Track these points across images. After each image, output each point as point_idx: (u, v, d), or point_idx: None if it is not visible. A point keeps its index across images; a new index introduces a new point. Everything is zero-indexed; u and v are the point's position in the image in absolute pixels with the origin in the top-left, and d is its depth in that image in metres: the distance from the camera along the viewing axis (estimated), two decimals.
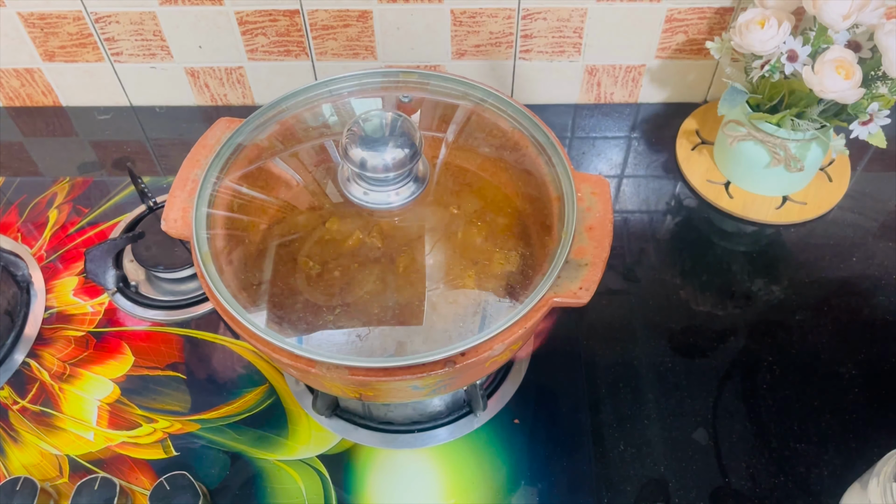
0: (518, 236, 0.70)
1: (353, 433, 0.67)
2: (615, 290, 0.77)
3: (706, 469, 0.65)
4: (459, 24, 0.85)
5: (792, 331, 0.73)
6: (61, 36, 0.88)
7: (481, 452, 0.67)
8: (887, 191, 0.85)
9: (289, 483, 0.65)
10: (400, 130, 0.59)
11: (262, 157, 0.65)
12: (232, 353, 0.73)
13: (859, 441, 0.66)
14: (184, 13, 0.85)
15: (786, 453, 0.66)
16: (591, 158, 0.90)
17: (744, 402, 0.69)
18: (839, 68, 0.66)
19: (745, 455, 0.66)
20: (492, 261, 0.68)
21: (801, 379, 0.70)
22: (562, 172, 0.62)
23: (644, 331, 0.74)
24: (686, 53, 0.88)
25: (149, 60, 0.91)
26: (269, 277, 0.67)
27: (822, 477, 0.64)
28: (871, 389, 0.69)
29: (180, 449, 0.67)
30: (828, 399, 0.69)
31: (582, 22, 0.84)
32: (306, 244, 0.68)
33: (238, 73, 0.92)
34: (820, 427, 0.67)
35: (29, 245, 0.82)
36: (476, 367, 0.53)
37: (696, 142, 0.90)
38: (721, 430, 0.67)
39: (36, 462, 0.66)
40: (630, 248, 0.81)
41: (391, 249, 0.69)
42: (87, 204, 0.86)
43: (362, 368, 0.51)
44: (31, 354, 0.73)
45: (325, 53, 0.89)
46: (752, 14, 0.70)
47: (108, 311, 0.76)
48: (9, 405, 0.70)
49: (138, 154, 0.92)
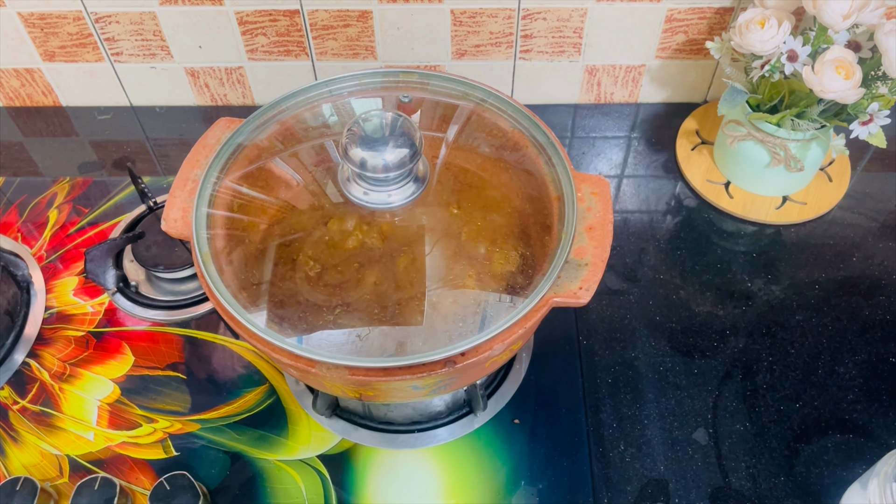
0: (518, 236, 0.70)
1: (353, 433, 0.67)
2: (615, 290, 0.77)
3: (706, 469, 0.65)
4: (459, 24, 0.85)
5: (792, 331, 0.73)
6: (61, 36, 0.88)
7: (481, 452, 0.67)
8: (887, 191, 0.85)
9: (289, 483, 0.65)
10: (400, 130, 0.59)
11: (262, 157, 0.65)
12: (232, 353, 0.73)
13: (859, 441, 0.66)
14: (184, 13, 0.85)
15: (786, 453, 0.66)
16: (591, 158, 0.90)
17: (744, 402, 0.69)
18: (839, 68, 0.66)
19: (745, 455, 0.66)
20: (492, 261, 0.68)
21: (801, 379, 0.70)
22: (562, 172, 0.62)
23: (644, 331, 0.74)
24: (686, 53, 0.88)
25: (149, 60, 0.91)
26: (269, 277, 0.67)
27: (822, 477, 0.64)
28: (871, 389, 0.69)
29: (180, 449, 0.67)
30: (828, 399, 0.69)
31: (582, 22, 0.84)
32: (306, 244, 0.68)
33: (238, 73, 0.92)
34: (820, 427, 0.67)
35: (29, 245, 0.82)
36: (476, 367, 0.53)
37: (696, 142, 0.90)
38: (721, 430, 0.67)
39: (36, 462, 0.67)
40: (630, 248, 0.81)
41: (391, 249, 0.69)
42: (88, 204, 0.86)
43: (362, 368, 0.51)
44: (32, 354, 0.73)
45: (325, 53, 0.89)
46: (752, 14, 0.70)
47: (108, 311, 0.76)
48: (9, 405, 0.70)
49: (138, 154, 0.92)
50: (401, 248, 0.69)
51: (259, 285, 0.66)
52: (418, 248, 0.69)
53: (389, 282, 0.65)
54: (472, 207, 0.72)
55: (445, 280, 0.66)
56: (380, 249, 0.68)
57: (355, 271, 0.67)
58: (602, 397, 0.69)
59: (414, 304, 0.65)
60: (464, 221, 0.71)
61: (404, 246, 0.69)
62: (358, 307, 0.66)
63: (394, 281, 0.65)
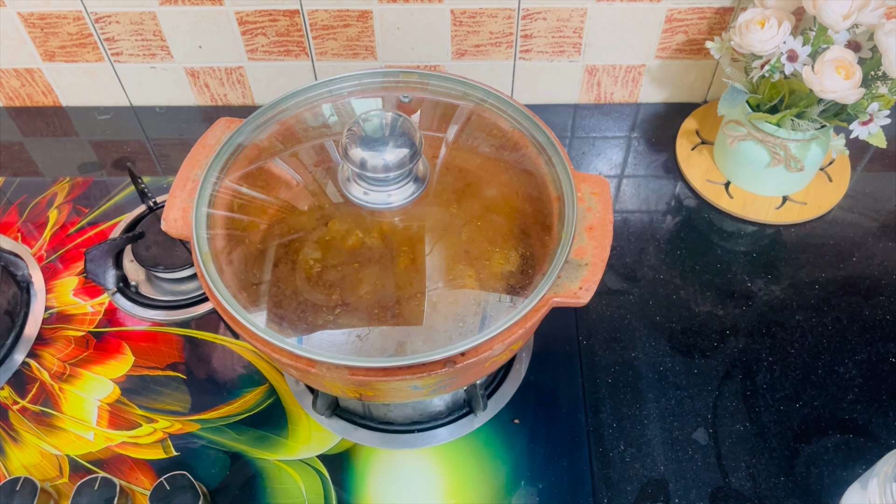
0: (518, 236, 0.70)
1: (353, 433, 0.67)
2: (615, 289, 0.77)
3: (706, 469, 0.65)
4: (459, 24, 0.85)
5: (792, 331, 0.73)
6: (61, 36, 0.88)
7: (481, 452, 0.67)
8: (887, 191, 0.85)
9: (289, 483, 0.65)
10: (400, 130, 0.59)
11: (262, 157, 0.65)
12: (232, 353, 0.73)
13: (859, 441, 0.66)
14: (184, 13, 0.85)
15: (786, 453, 0.66)
16: (591, 158, 0.90)
17: (744, 402, 0.69)
18: (839, 68, 0.66)
19: (745, 455, 0.66)
20: (492, 261, 0.68)
21: (801, 379, 0.70)
22: (562, 172, 0.62)
23: (644, 331, 0.74)
24: (686, 53, 0.88)
25: (149, 60, 0.91)
26: (269, 277, 0.67)
27: (822, 477, 0.64)
28: (871, 389, 0.69)
29: (180, 449, 0.67)
30: (828, 399, 0.69)
31: (582, 22, 0.84)
32: (306, 244, 0.68)
33: (238, 73, 0.92)
34: (820, 427, 0.67)
35: (29, 245, 0.82)
36: (476, 367, 0.53)
37: (696, 142, 0.90)
38: (721, 430, 0.67)
39: (36, 462, 0.67)
40: (630, 248, 0.81)
41: (391, 249, 0.69)
42: (87, 204, 0.86)
43: (362, 368, 0.51)
44: (31, 354, 0.73)
45: (325, 53, 0.89)
46: (752, 14, 0.70)
47: (108, 311, 0.76)
48: (9, 405, 0.70)
49: (138, 154, 0.92)
50: (401, 249, 0.69)
51: (259, 285, 0.66)
52: (418, 248, 0.69)
53: (389, 282, 0.65)
54: (472, 207, 0.72)
55: (445, 280, 0.66)
56: (380, 249, 0.68)
57: (355, 271, 0.67)
58: (602, 397, 0.69)
59: (414, 304, 0.65)
60: (464, 221, 0.71)
61: (404, 246, 0.69)
62: (358, 307, 0.65)
63: (394, 281, 0.65)
